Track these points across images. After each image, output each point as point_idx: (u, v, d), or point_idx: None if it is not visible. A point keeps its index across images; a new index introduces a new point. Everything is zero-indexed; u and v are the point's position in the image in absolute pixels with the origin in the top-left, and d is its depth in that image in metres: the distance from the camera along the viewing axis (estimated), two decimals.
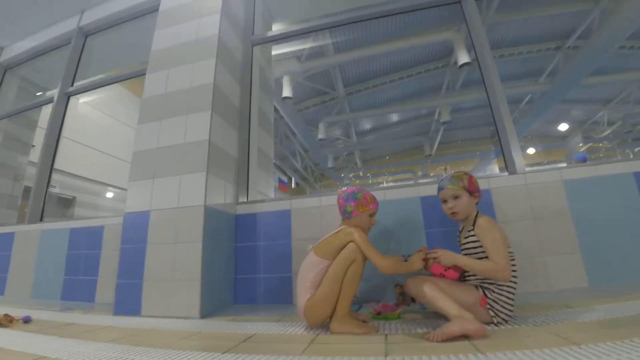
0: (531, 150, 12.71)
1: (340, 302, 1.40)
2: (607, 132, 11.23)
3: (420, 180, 10.84)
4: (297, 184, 13.84)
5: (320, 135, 8.74)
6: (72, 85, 3.81)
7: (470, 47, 3.62)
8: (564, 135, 12.13)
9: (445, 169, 12.20)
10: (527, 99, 9.09)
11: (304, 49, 5.86)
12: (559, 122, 10.98)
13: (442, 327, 1.20)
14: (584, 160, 6.54)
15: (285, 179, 12.63)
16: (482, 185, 2.06)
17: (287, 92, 6.46)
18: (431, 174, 13.64)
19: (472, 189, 1.57)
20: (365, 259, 1.43)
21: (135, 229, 2.21)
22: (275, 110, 7.54)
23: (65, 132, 5.94)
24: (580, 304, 1.55)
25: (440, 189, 1.63)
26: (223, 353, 1.21)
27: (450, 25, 5.69)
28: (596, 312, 1.38)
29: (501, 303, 1.36)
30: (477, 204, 1.60)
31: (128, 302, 2.10)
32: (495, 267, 1.34)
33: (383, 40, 5.91)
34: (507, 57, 7.27)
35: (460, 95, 8.34)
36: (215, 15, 2.57)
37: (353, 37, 5.81)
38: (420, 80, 8.20)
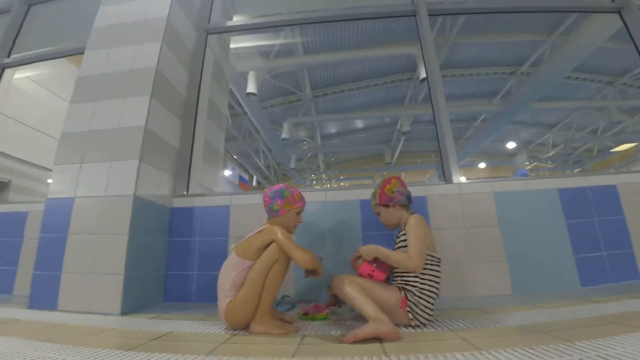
0: (482, 165, 13.49)
1: (261, 303, 1.35)
2: (551, 154, 12.17)
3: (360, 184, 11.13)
4: (258, 182, 13.62)
5: (284, 135, 8.65)
6: (8, 56, 3.49)
7: None
8: (512, 154, 12.99)
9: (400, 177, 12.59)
10: (481, 117, 9.62)
11: (273, 46, 5.77)
12: (508, 141, 11.73)
13: (356, 328, 1.20)
14: (526, 177, 7.02)
15: (246, 177, 12.39)
16: (419, 192, 2.13)
17: (252, 88, 6.32)
18: None
19: (384, 202, 1.64)
20: (289, 259, 1.40)
21: (57, 217, 2.02)
22: (239, 105, 7.37)
23: (3, 109, 5.41)
24: (499, 311, 1.61)
25: None
26: (126, 350, 1.13)
27: (417, 40, 5.90)
28: (511, 319, 1.44)
29: (421, 307, 1.38)
30: (406, 206, 1.65)
31: (44, 295, 1.91)
32: (406, 256, 1.41)
33: (353, 46, 5.98)
34: (467, 77, 7.63)
35: (421, 108, 8.65)
36: None
37: (323, 39, 5.81)
38: (385, 90, 8.39)
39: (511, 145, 11.96)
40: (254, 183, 13.39)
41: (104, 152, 2.07)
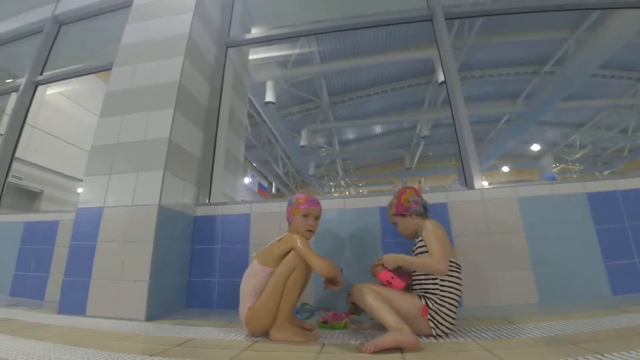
0: (505, 168, 13.10)
1: (280, 310, 1.37)
2: (579, 155, 11.67)
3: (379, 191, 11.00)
4: (277, 189, 13.76)
5: (302, 142, 8.72)
6: (41, 74, 3.70)
7: None
8: (538, 156, 12.54)
9: (420, 182, 12.37)
10: (504, 119, 9.36)
11: (290, 55, 5.87)
12: (532, 143, 11.34)
13: (376, 338, 1.20)
14: (552, 179, 6.76)
15: (265, 184, 12.54)
16: (439, 198, 2.10)
17: (270, 97, 6.44)
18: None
19: (401, 211, 1.65)
20: (308, 266, 1.41)
21: (87, 226, 2.13)
22: (258, 114, 7.51)
23: (37, 123, 5.74)
24: (525, 321, 1.56)
25: None
26: (151, 356, 1.17)
27: (434, 42, 5.83)
28: (537, 329, 1.39)
29: (442, 315, 1.36)
30: (423, 215, 1.65)
31: (74, 301, 2.01)
32: (431, 259, 1.40)
33: (369, 52, 5.99)
34: (487, 78, 7.47)
35: (440, 112, 8.52)
36: (187, 14, 2.55)
37: (339, 47, 5.85)
38: (404, 95, 8.32)
39: (536, 147, 11.56)
40: (273, 190, 13.54)
41: (131, 164, 2.17)
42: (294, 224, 1.60)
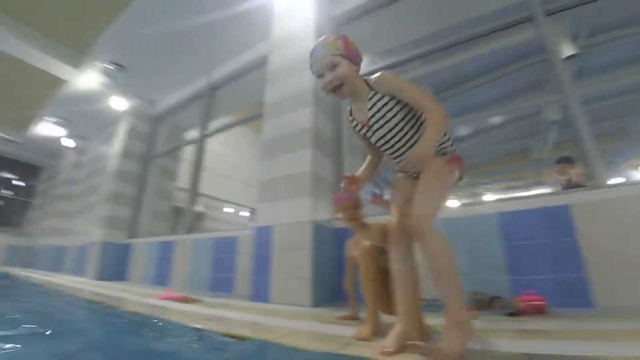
0: None
1: None
2: None
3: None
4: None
5: None
6: (206, 128, 5.01)
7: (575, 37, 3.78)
8: None
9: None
10: None
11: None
12: None
13: (441, 345, 1.10)
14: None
15: (378, 192, 12.87)
16: (559, 201, 2.21)
17: None
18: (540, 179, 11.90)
19: (352, 55, 1.34)
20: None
21: (263, 238, 2.96)
22: None
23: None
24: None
25: (311, 62, 1.38)
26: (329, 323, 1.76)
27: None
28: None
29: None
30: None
31: (261, 292, 2.83)
32: (433, 108, 1.21)
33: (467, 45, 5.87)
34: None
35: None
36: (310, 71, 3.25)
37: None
38: (515, 79, 7.68)
39: None
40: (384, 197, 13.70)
41: (288, 191, 2.94)
42: None
